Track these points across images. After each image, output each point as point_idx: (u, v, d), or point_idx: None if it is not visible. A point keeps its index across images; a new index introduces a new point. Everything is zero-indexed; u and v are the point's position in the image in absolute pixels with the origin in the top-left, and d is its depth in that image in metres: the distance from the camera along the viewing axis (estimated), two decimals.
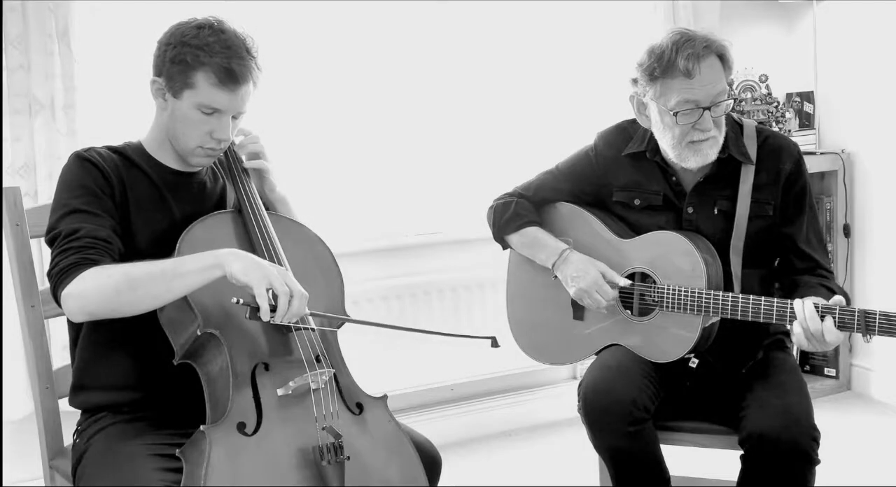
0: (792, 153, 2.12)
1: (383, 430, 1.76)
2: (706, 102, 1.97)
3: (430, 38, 3.28)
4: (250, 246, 1.80)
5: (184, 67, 1.76)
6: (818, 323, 1.84)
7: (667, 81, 1.97)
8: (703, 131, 1.99)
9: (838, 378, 3.74)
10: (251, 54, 1.80)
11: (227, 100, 1.78)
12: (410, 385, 3.25)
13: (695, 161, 2.03)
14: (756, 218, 2.09)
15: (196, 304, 1.67)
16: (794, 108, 3.78)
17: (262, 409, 1.65)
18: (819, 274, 2.10)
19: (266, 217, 1.87)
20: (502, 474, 3.09)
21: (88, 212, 1.73)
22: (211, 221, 1.82)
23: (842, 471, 2.84)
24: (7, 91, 2.60)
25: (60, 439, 2.04)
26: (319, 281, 1.87)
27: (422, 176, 3.33)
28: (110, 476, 1.69)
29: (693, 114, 1.97)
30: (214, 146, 1.83)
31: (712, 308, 2.00)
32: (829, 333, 1.83)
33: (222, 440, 1.58)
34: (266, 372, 1.69)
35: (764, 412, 1.93)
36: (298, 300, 1.60)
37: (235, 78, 1.76)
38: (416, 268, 3.26)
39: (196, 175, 1.92)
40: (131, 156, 1.86)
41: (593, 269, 2.13)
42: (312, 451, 1.62)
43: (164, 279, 1.61)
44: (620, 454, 2.03)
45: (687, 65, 1.93)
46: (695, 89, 1.95)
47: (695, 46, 1.94)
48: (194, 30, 1.77)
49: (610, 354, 2.15)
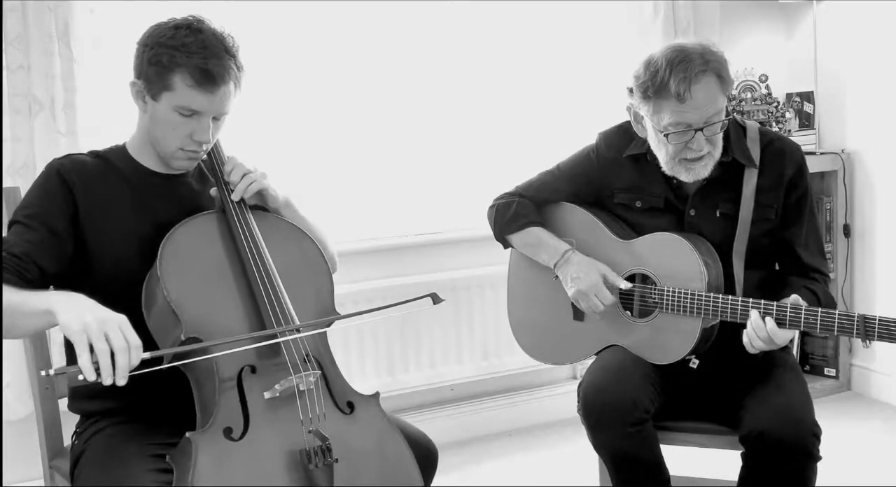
0: (795, 157, 2.12)
1: (375, 429, 1.75)
2: (699, 124, 1.95)
3: (432, 38, 3.28)
4: (234, 247, 1.77)
5: (160, 69, 1.72)
6: (761, 324, 1.88)
7: (659, 102, 1.95)
8: (696, 151, 1.99)
9: (838, 378, 3.73)
10: (230, 54, 1.76)
11: (206, 102, 1.74)
12: (410, 385, 3.25)
13: (687, 176, 2.04)
14: (759, 221, 2.09)
15: (178, 309, 1.65)
16: (794, 108, 3.78)
17: (250, 413, 1.63)
18: (811, 278, 2.10)
19: (250, 216, 1.83)
20: (502, 474, 3.09)
21: (26, 225, 1.72)
22: (193, 224, 1.78)
23: (842, 471, 2.84)
24: (7, 91, 2.60)
25: (60, 439, 2.04)
26: (307, 279, 1.84)
27: (422, 175, 3.33)
28: (104, 478, 1.68)
29: (685, 134, 1.97)
30: (196, 149, 1.80)
31: (711, 310, 2.00)
32: (774, 333, 1.88)
33: (208, 446, 1.57)
34: (253, 374, 1.67)
35: (764, 409, 1.93)
36: (122, 356, 1.43)
37: (213, 79, 1.72)
38: (416, 268, 3.26)
39: (182, 177, 1.89)
40: (112, 160, 1.84)
41: (594, 272, 2.12)
42: (300, 455, 1.61)
43: (14, 314, 1.55)
44: (620, 454, 2.03)
45: (678, 89, 1.90)
46: (687, 112, 1.94)
47: (688, 69, 1.90)
48: (171, 30, 1.74)
49: (610, 354, 2.15)
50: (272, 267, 1.76)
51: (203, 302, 1.69)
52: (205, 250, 1.76)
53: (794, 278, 2.09)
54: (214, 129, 1.80)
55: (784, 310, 1.89)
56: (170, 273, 1.69)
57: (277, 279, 1.75)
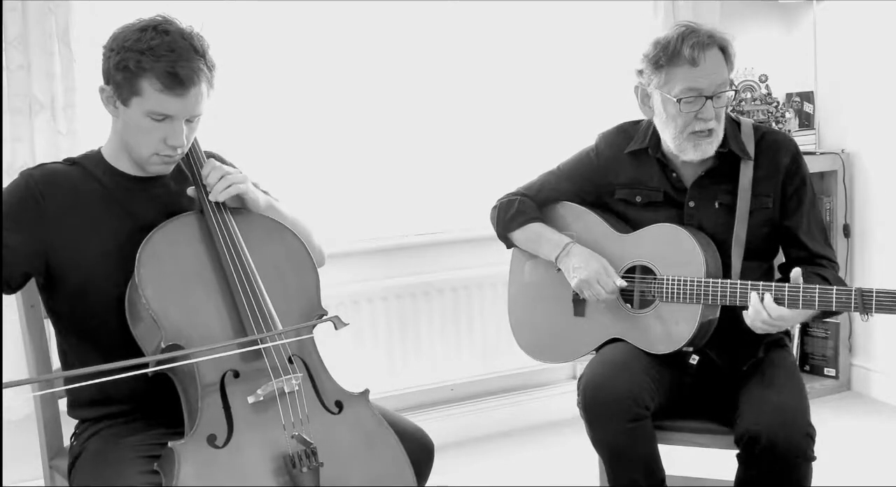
0: (789, 147, 2.16)
1: (365, 427, 1.73)
2: (709, 91, 2.01)
3: (432, 37, 3.28)
4: (213, 249, 1.74)
5: (128, 74, 1.67)
6: (759, 305, 1.91)
7: (672, 70, 2.02)
8: (705, 121, 2.02)
9: (838, 378, 3.73)
10: (199, 54, 1.70)
11: (177, 106, 1.69)
12: (410, 385, 3.25)
13: (694, 154, 2.07)
14: (756, 211, 2.12)
15: (158, 317, 1.64)
16: (794, 108, 3.78)
17: (233, 419, 1.61)
18: (818, 264, 2.11)
19: (229, 216, 1.79)
20: (502, 474, 3.09)
21: None
22: (171, 226, 1.75)
23: (842, 471, 2.84)
24: (7, 91, 2.60)
25: (60, 439, 2.04)
26: (291, 276, 1.81)
27: (422, 176, 3.32)
28: (98, 478, 1.68)
29: (696, 102, 2.02)
30: (170, 153, 1.76)
31: (710, 295, 2.03)
32: (772, 309, 1.90)
33: (191, 456, 1.55)
34: (235, 379, 1.65)
35: (758, 410, 1.94)
36: None
37: (182, 82, 1.67)
38: (416, 268, 3.26)
39: (159, 179, 1.85)
40: (88, 166, 1.81)
41: (596, 261, 2.15)
42: (284, 460, 1.58)
43: None
44: (617, 450, 2.03)
45: (692, 53, 1.99)
46: (699, 78, 2.00)
47: (699, 36, 2.01)
48: (137, 33, 1.68)
49: (610, 350, 2.16)
50: (252, 268, 1.74)
51: (182, 308, 1.67)
52: (183, 254, 1.73)
53: (802, 267, 2.10)
54: (189, 132, 1.77)
55: (782, 289, 1.92)
56: (148, 279, 1.67)
57: (258, 281, 1.73)
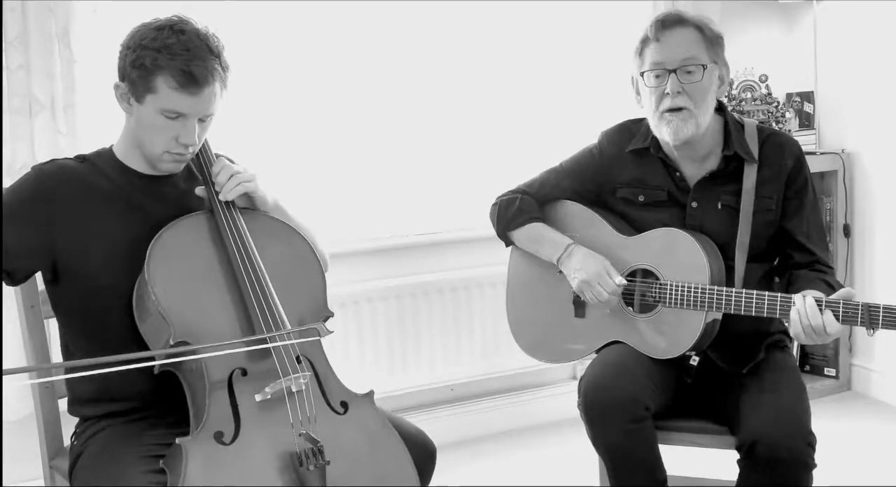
0: (793, 149, 2.16)
1: (370, 428, 1.74)
2: (672, 65, 2.05)
3: (432, 37, 3.28)
4: (223, 248, 1.76)
5: (144, 72, 1.70)
6: (819, 317, 1.87)
7: (644, 51, 2.11)
8: (672, 96, 2.04)
9: (838, 378, 3.73)
10: (214, 54, 1.73)
11: (191, 104, 1.72)
12: (410, 385, 3.25)
13: (668, 132, 2.08)
14: (760, 212, 2.12)
15: (167, 313, 1.65)
16: (794, 108, 3.78)
17: (241, 416, 1.62)
18: (818, 269, 2.11)
19: (238, 216, 1.81)
20: (502, 474, 3.09)
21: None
22: (181, 225, 1.77)
23: (842, 471, 2.84)
24: (7, 91, 2.60)
25: (60, 439, 2.04)
26: (299, 277, 1.83)
27: (422, 175, 3.32)
28: (100, 478, 1.68)
29: (662, 77, 2.06)
30: (182, 151, 1.77)
31: (715, 303, 2.02)
32: (830, 325, 1.87)
33: (199, 452, 1.56)
34: (243, 377, 1.66)
35: (759, 417, 1.94)
36: None
37: (196, 81, 1.70)
38: (416, 268, 3.26)
39: (169, 178, 1.87)
40: (99, 163, 1.82)
41: (597, 262, 2.14)
42: (291, 458, 1.59)
43: None
44: (618, 451, 2.03)
45: (654, 30, 2.08)
46: (662, 51, 2.07)
47: (667, 16, 2.10)
48: (154, 31, 1.71)
49: (611, 351, 2.15)
50: (261, 267, 1.75)
51: (191, 305, 1.68)
52: (193, 252, 1.74)
53: (804, 271, 2.10)
54: (201, 131, 1.78)
55: (788, 301, 1.91)
56: (158, 276, 1.68)
57: (267, 280, 1.74)
